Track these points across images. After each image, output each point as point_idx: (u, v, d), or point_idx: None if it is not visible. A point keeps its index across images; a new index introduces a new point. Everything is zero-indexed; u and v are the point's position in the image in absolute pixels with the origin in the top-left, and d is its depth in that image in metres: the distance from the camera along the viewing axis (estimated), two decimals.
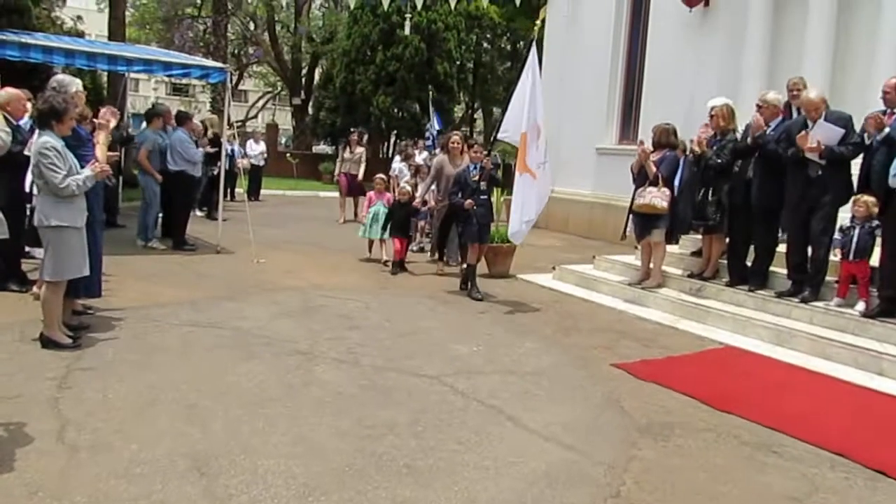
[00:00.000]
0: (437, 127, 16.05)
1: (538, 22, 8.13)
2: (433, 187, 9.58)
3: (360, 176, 14.07)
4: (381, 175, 10.68)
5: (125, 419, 4.03)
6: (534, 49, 7.81)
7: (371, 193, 10.20)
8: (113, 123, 5.94)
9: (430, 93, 15.86)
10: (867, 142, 6.48)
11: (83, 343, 5.28)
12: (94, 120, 5.97)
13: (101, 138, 5.60)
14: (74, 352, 5.08)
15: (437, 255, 9.65)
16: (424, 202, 9.78)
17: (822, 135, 6.45)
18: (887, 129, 6.28)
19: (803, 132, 6.56)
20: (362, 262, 9.74)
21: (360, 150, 14.40)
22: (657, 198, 7.49)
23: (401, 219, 9.28)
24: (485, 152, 8.25)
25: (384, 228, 9.41)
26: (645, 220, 7.75)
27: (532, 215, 7.60)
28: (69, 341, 5.19)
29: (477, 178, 7.81)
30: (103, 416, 4.06)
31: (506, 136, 7.85)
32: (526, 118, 7.37)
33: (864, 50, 9.47)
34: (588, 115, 13.78)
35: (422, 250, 10.77)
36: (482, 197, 7.84)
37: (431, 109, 15.67)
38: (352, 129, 15.91)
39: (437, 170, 9.26)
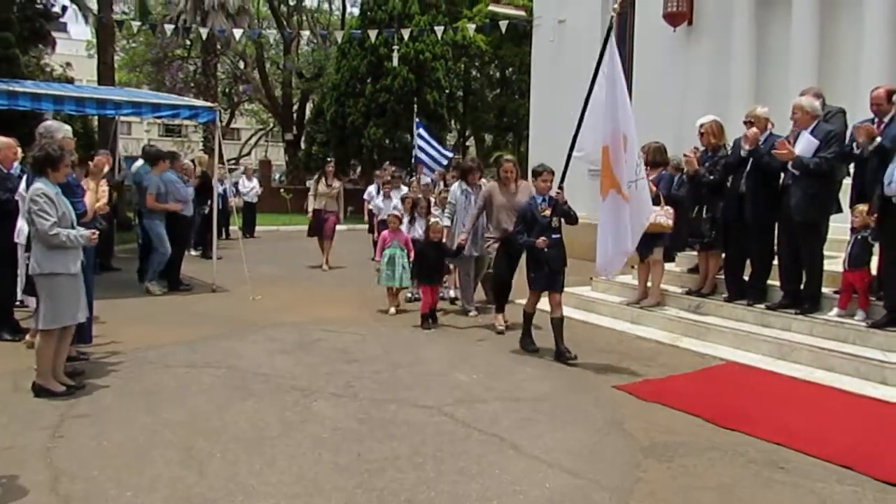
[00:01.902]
0: (423, 153, 14.79)
1: (616, 6, 6.21)
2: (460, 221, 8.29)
3: (342, 215, 12.26)
4: (395, 212, 9.21)
5: (120, 466, 3.96)
6: (611, 41, 6.10)
7: (385, 233, 8.77)
8: (106, 169, 5.94)
9: (414, 112, 15.18)
10: (856, 151, 6.49)
11: (77, 390, 5.20)
12: (89, 162, 5.98)
13: (92, 185, 5.59)
14: (68, 400, 5.01)
15: (497, 308, 7.88)
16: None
17: (801, 145, 6.52)
18: (878, 139, 6.29)
19: (782, 140, 6.64)
20: (360, 295, 9.66)
21: (337, 183, 12.27)
22: (661, 216, 7.46)
23: (433, 262, 7.91)
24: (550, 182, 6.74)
25: (416, 275, 8.13)
26: (646, 239, 7.71)
27: (629, 245, 6.32)
28: (62, 389, 5.12)
29: (548, 212, 6.51)
30: (98, 463, 3.99)
31: (581, 156, 6.46)
32: (609, 128, 6.10)
33: (849, 61, 9.53)
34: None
35: (453, 301, 9.09)
36: (554, 236, 6.48)
37: (418, 131, 14.43)
38: (328, 159, 13.83)
39: (486, 199, 7.82)
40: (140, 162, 11.25)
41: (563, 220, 6.59)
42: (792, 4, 10.10)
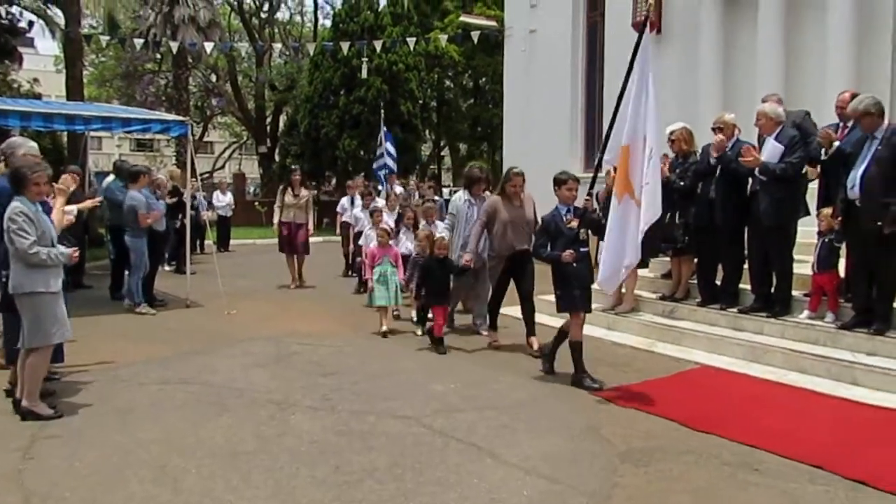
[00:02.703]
0: (390, 158, 14.28)
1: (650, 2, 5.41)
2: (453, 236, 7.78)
3: (311, 227, 11.47)
4: (384, 225, 8.59)
5: (93, 486, 3.90)
6: (646, 39, 5.67)
7: (372, 248, 8.20)
8: (72, 188, 5.84)
9: (381, 113, 14.89)
10: (823, 155, 6.61)
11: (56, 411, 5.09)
12: (54, 184, 5.88)
13: (59, 203, 5.50)
14: (39, 420, 4.92)
15: (490, 325, 7.52)
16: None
17: (767, 151, 6.63)
18: (836, 144, 6.43)
19: (747, 147, 6.75)
20: (337, 307, 9.64)
21: (305, 193, 11.49)
22: None
23: (439, 280, 7.38)
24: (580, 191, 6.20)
25: (422, 295, 7.53)
26: None
27: (634, 254, 5.68)
28: (51, 412, 5.01)
29: (575, 224, 5.93)
30: (70, 484, 3.92)
31: (610, 159, 5.99)
32: (630, 126, 5.58)
33: (815, 66, 9.72)
34: (553, 145, 13.96)
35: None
36: (581, 249, 5.95)
37: (384, 133, 14.05)
38: (293, 168, 12.98)
39: (490, 214, 7.15)
40: (111, 177, 11.14)
41: (589, 231, 6.08)
42: (758, 12, 10.29)
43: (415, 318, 8.16)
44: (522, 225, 7.10)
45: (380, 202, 11.06)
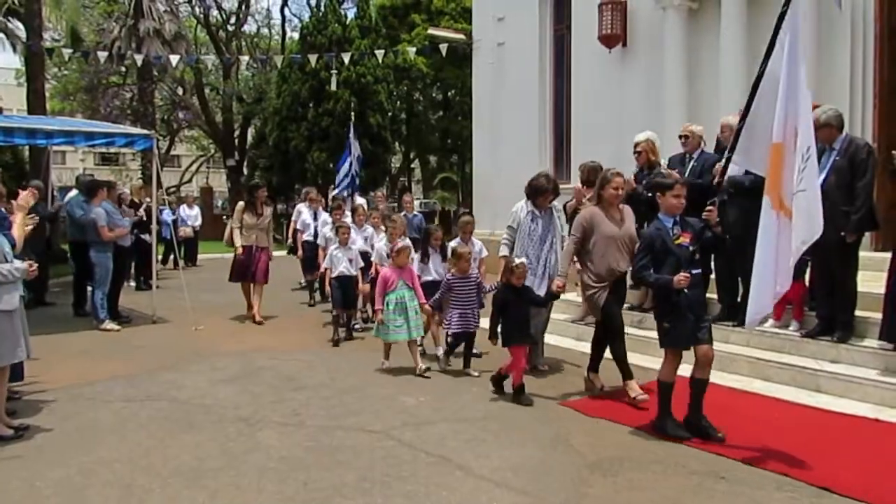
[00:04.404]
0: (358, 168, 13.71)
1: None
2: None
3: (271, 252, 10.00)
4: (405, 243, 7.32)
5: None
6: (793, 4, 4.50)
7: (385, 270, 7.07)
8: (31, 202, 5.73)
9: (352, 117, 14.64)
10: None
11: (24, 431, 4.98)
12: (13, 201, 5.76)
13: (19, 219, 5.39)
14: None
15: (591, 366, 6.33)
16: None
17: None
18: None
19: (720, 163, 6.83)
20: (305, 321, 9.55)
21: (268, 211, 9.97)
22: None
23: (522, 315, 6.06)
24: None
25: (500, 334, 6.02)
26: None
27: (786, 278, 4.57)
28: (10, 433, 4.89)
29: (687, 240, 4.93)
30: None
31: (741, 161, 5.10)
32: (783, 119, 4.47)
33: None
34: (521, 157, 13.99)
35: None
36: (694, 271, 4.88)
37: (353, 137, 13.65)
38: (258, 183, 10.92)
39: (586, 229, 5.98)
40: (73, 192, 10.97)
41: (707, 250, 5.04)
42: (720, 23, 10.45)
43: (441, 352, 7.17)
44: (625, 242, 6.00)
45: (347, 216, 10.18)
